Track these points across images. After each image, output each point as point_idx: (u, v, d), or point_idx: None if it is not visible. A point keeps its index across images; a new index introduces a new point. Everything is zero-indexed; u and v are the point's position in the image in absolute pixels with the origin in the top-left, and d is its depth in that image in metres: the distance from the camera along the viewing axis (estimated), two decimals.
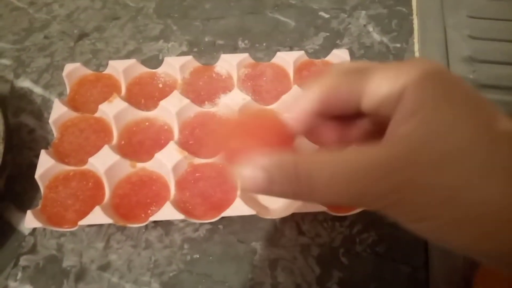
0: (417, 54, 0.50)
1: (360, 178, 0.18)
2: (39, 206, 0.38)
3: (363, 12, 0.54)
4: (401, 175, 0.18)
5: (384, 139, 0.20)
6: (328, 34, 0.52)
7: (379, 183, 0.18)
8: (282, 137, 0.23)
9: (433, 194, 0.17)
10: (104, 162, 0.39)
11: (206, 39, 0.52)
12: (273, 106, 0.43)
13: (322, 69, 0.46)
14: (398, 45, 0.51)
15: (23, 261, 0.38)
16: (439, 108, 0.18)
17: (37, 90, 0.48)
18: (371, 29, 0.52)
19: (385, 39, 0.51)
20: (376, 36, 0.51)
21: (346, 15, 0.53)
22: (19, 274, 0.37)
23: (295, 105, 0.23)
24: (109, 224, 0.38)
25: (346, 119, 0.24)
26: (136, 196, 0.38)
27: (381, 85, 0.20)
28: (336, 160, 0.19)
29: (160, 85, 0.46)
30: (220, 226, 0.39)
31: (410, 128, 0.18)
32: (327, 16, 0.53)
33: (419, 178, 0.17)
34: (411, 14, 0.53)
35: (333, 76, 0.22)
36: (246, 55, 0.46)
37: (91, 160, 0.39)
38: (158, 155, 0.39)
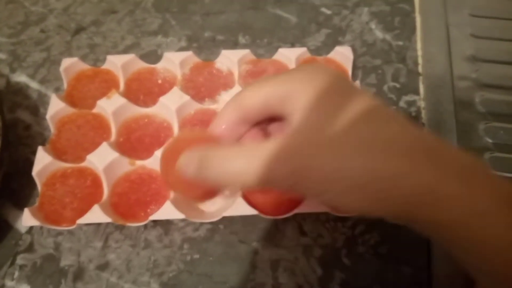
0: (419, 52, 0.49)
1: (268, 164, 0.22)
2: (36, 204, 0.37)
3: (366, 8, 0.53)
4: (294, 160, 0.22)
5: (285, 132, 0.24)
6: (330, 30, 0.51)
7: (281, 168, 0.22)
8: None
9: (322, 171, 0.22)
10: (102, 159, 0.38)
11: (206, 35, 0.51)
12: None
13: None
14: (401, 43, 0.50)
15: (20, 260, 0.37)
16: (320, 100, 0.23)
17: (33, 85, 0.47)
18: (373, 26, 0.51)
19: (387, 37, 0.50)
20: (379, 34, 0.51)
21: (348, 12, 0.53)
22: (16, 273, 0.36)
23: (219, 116, 0.28)
24: (108, 223, 0.37)
25: (271, 124, 0.28)
26: (135, 195, 0.38)
27: (276, 90, 0.25)
28: (245, 151, 0.24)
29: (160, 81, 0.45)
30: (221, 226, 0.38)
31: (300, 119, 0.23)
32: (329, 12, 0.53)
33: (308, 161, 0.22)
34: (414, 12, 0.53)
35: (245, 88, 0.27)
36: (247, 51, 0.45)
37: (89, 157, 0.38)
38: (158, 153, 0.38)
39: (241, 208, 0.35)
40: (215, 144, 0.27)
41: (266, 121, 0.28)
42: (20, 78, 0.47)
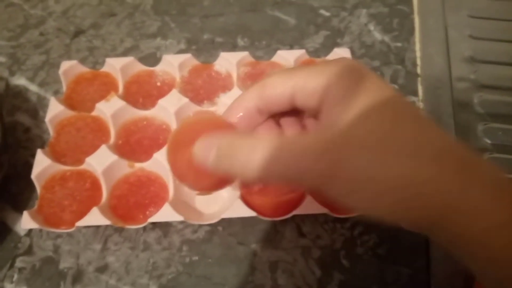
0: (418, 53, 0.49)
1: (298, 159, 0.21)
2: (36, 207, 0.37)
3: (364, 10, 0.53)
4: (331, 156, 0.21)
5: (317, 127, 0.24)
6: (328, 32, 0.51)
7: (315, 163, 0.21)
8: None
9: (358, 170, 0.20)
10: (101, 162, 0.38)
11: (205, 37, 0.51)
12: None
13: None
14: (399, 44, 0.50)
15: (19, 263, 0.37)
16: (357, 98, 0.22)
17: (33, 88, 0.47)
18: (372, 28, 0.52)
19: (386, 38, 0.51)
20: (377, 35, 0.51)
21: (346, 14, 0.53)
22: (15, 276, 0.36)
23: (236, 103, 0.26)
24: (107, 226, 0.37)
25: (284, 117, 0.27)
26: (134, 197, 0.38)
27: (307, 82, 0.23)
28: (275, 144, 0.21)
29: (158, 84, 0.45)
30: (220, 228, 0.38)
31: (335, 116, 0.22)
32: (327, 14, 0.53)
33: (346, 157, 0.20)
34: (412, 13, 0.53)
35: (270, 76, 0.25)
36: (246, 53, 0.45)
37: (88, 160, 0.38)
38: (157, 155, 0.38)
39: (239, 210, 0.36)
40: (232, 131, 0.25)
41: (280, 114, 0.26)
42: (20, 81, 0.48)
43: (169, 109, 0.41)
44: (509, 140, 0.42)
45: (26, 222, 0.35)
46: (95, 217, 0.35)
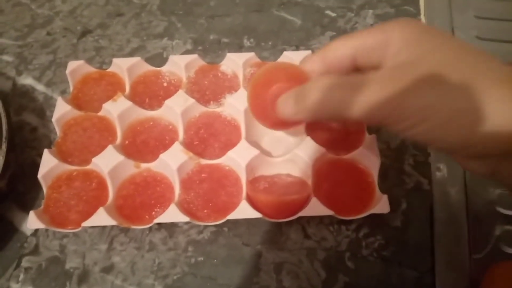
0: None
1: (371, 90, 0.23)
2: (42, 207, 0.37)
3: (370, 11, 0.53)
4: (399, 84, 0.23)
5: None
6: (334, 33, 0.51)
7: (385, 90, 0.23)
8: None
9: (424, 100, 0.22)
10: (108, 162, 0.38)
11: (211, 37, 0.51)
12: None
13: None
14: None
15: (25, 262, 0.37)
16: (418, 45, 0.24)
17: (40, 87, 0.47)
18: None
19: None
20: None
21: (353, 14, 0.53)
22: (21, 276, 0.37)
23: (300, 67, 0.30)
24: (113, 226, 0.38)
25: None
26: (140, 197, 0.38)
27: (367, 40, 0.26)
28: (356, 80, 0.24)
29: (165, 84, 0.45)
30: (225, 229, 0.38)
31: (393, 63, 0.24)
32: (333, 15, 0.53)
33: (413, 87, 0.22)
34: (419, 14, 0.53)
35: (331, 42, 0.28)
36: (252, 54, 0.45)
37: (95, 160, 0.38)
38: (163, 156, 0.38)
39: (245, 212, 0.36)
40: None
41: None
42: (26, 80, 0.48)
43: (176, 110, 0.41)
44: None
45: (32, 222, 0.35)
46: (101, 217, 0.35)
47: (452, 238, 0.37)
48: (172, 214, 0.35)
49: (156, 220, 0.35)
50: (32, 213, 0.36)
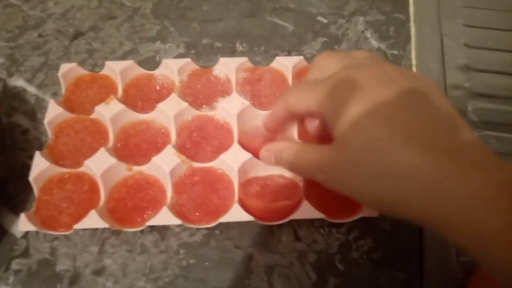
0: (414, 61, 0.50)
1: (314, 166, 0.29)
2: (33, 209, 0.37)
3: (361, 18, 0.54)
4: (336, 169, 0.28)
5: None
6: (326, 39, 0.52)
7: (330, 167, 0.28)
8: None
9: (371, 165, 0.25)
10: (100, 164, 0.38)
11: (204, 41, 0.52)
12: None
13: None
14: (396, 52, 0.51)
15: (15, 265, 0.37)
16: (351, 104, 0.26)
17: (31, 89, 0.47)
18: (369, 35, 0.52)
19: (382, 46, 0.51)
20: (374, 43, 0.52)
21: (344, 21, 0.53)
22: (11, 278, 0.36)
23: (271, 118, 0.34)
24: (104, 228, 0.38)
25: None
26: (132, 200, 0.38)
27: (299, 104, 0.30)
28: (303, 152, 0.30)
29: (158, 87, 0.45)
30: (217, 231, 0.39)
31: (337, 133, 0.27)
32: (325, 21, 0.53)
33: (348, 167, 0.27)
34: (409, 21, 0.54)
35: (291, 96, 0.31)
36: (245, 59, 0.46)
37: (87, 162, 0.38)
38: (156, 159, 0.38)
39: (237, 214, 0.36)
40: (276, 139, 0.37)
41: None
42: (18, 82, 0.48)
43: (168, 113, 0.41)
44: (502, 148, 0.43)
45: (23, 225, 0.35)
46: (92, 220, 0.35)
47: (440, 241, 0.38)
48: (164, 217, 0.36)
49: (148, 223, 0.35)
50: (23, 215, 0.35)
